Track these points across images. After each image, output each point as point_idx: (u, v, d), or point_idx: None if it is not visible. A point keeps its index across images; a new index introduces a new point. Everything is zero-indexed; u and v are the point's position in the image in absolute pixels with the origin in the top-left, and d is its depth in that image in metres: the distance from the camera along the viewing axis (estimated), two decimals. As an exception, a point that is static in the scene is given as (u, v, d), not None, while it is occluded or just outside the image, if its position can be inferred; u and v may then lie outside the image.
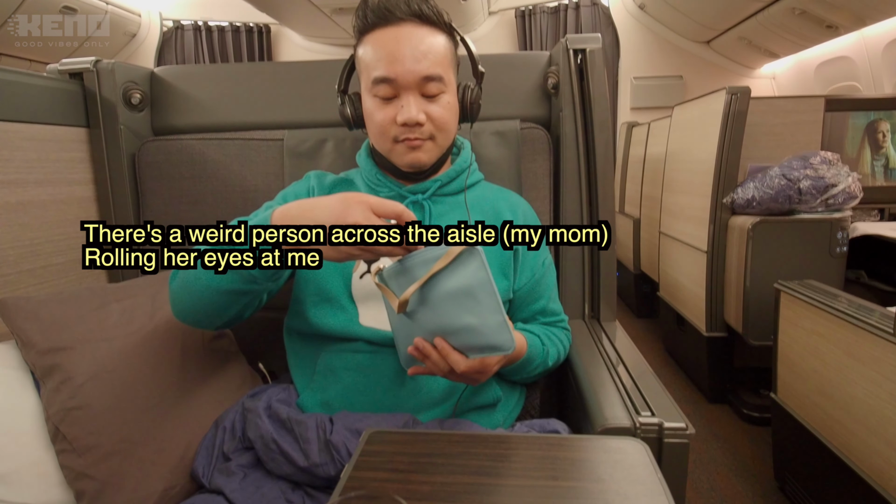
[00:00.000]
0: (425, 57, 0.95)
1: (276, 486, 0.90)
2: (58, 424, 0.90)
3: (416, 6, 0.95)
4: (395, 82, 0.95)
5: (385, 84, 0.96)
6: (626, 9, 5.05)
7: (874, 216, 2.69)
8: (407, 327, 0.85)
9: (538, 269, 1.11)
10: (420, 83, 0.96)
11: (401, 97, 0.97)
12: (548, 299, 1.13)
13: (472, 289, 0.78)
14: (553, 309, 1.14)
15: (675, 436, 0.84)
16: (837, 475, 1.50)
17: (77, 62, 1.35)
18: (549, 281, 1.14)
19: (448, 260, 0.78)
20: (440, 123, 1.00)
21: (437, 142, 1.02)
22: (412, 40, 0.95)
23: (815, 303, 1.57)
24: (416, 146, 0.99)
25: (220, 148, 1.38)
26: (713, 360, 2.58)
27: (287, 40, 5.62)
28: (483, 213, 1.10)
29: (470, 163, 1.13)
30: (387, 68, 0.95)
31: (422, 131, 0.98)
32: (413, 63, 0.94)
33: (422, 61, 0.95)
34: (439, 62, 0.97)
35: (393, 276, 0.84)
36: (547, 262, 1.14)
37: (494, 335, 0.79)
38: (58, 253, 1.26)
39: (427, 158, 1.02)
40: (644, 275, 3.77)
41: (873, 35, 3.41)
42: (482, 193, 1.14)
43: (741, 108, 2.27)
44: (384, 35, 0.96)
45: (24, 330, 0.94)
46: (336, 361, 0.99)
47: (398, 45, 0.95)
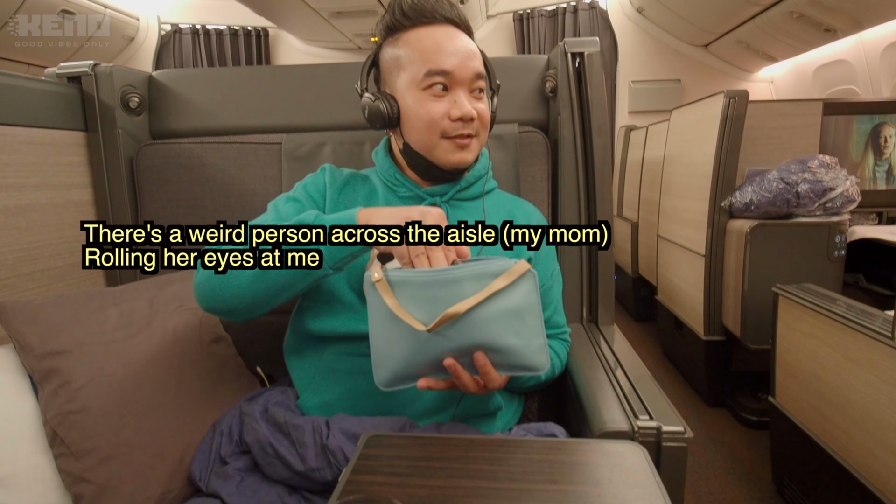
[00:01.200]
0: (475, 56, 0.99)
1: (273, 491, 0.90)
2: (56, 428, 0.90)
3: (455, 12, 0.99)
4: (451, 76, 0.96)
5: (441, 76, 0.96)
6: (625, 12, 5.07)
7: (872, 220, 2.70)
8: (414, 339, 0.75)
9: (546, 280, 1.11)
10: (472, 80, 0.98)
11: (452, 92, 0.97)
12: (553, 310, 1.13)
13: (522, 310, 0.76)
14: (557, 321, 1.14)
15: (674, 439, 0.84)
16: (835, 479, 1.50)
17: (75, 66, 1.35)
18: (555, 292, 1.14)
19: (511, 279, 0.75)
20: (485, 122, 1.02)
21: (480, 140, 1.03)
22: (461, 39, 0.98)
23: (814, 306, 1.58)
24: (465, 144, 0.99)
25: (218, 152, 1.38)
26: (711, 364, 2.58)
27: (285, 44, 5.63)
28: (499, 220, 1.10)
29: (488, 169, 1.13)
30: (444, 61, 0.95)
31: (472, 127, 0.99)
32: (467, 59, 0.97)
33: (473, 59, 0.98)
34: (482, 63, 1.01)
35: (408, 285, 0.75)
36: (555, 273, 1.14)
37: (533, 357, 0.78)
38: (56, 257, 1.26)
39: (472, 158, 1.02)
40: (642, 278, 3.77)
41: (871, 38, 3.43)
42: (498, 200, 1.14)
43: (739, 111, 2.27)
44: (430, 32, 0.97)
45: (21, 333, 0.94)
46: (338, 363, 0.98)
47: (450, 42, 0.97)
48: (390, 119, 1.00)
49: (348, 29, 4.70)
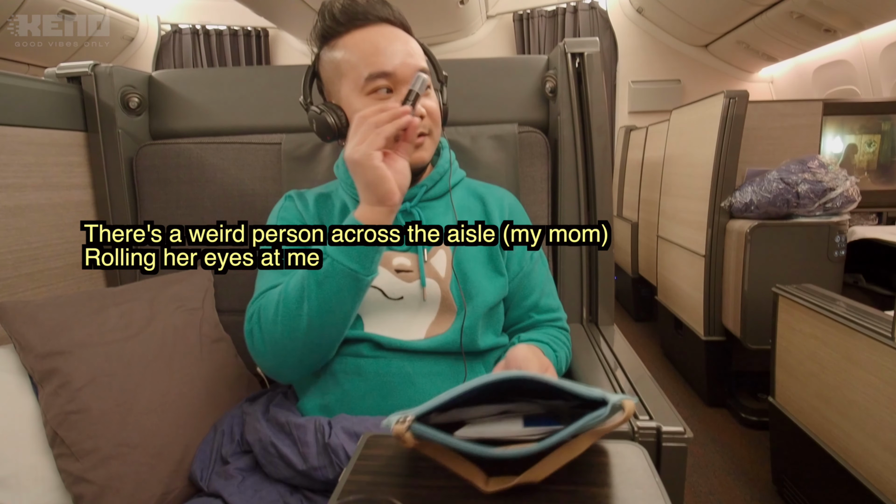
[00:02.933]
0: (415, 52, 0.97)
1: (274, 490, 0.90)
2: (56, 428, 0.90)
3: (387, 11, 0.97)
4: (393, 76, 0.94)
5: (383, 79, 0.94)
6: (624, 12, 5.07)
7: (872, 220, 2.70)
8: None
9: (526, 263, 1.09)
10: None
11: (397, 93, 0.95)
12: (539, 293, 1.10)
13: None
14: (547, 304, 1.11)
15: (673, 440, 0.84)
16: (835, 479, 1.50)
17: (75, 66, 1.35)
18: (539, 275, 1.12)
19: (609, 429, 0.62)
20: (436, 118, 1.00)
21: (434, 137, 1.02)
22: (399, 38, 0.96)
23: (814, 307, 1.58)
24: (419, 144, 0.98)
25: (217, 152, 1.38)
26: (711, 364, 2.58)
27: (285, 44, 5.63)
28: (470, 210, 1.09)
29: (451, 162, 1.11)
30: (384, 62, 0.93)
31: (424, 125, 0.97)
32: (407, 57, 0.95)
33: (413, 56, 0.96)
34: (424, 60, 1.00)
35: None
36: (535, 255, 1.12)
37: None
38: (56, 257, 1.26)
39: (428, 156, 1.01)
40: (642, 279, 3.77)
41: (871, 39, 3.43)
42: (467, 190, 1.13)
43: (739, 111, 2.28)
44: (365, 34, 0.95)
45: (22, 334, 0.94)
46: (337, 365, 0.98)
47: (388, 42, 0.95)
48: (339, 130, 0.97)
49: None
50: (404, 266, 1.00)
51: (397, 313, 0.99)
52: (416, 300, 0.99)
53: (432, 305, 1.00)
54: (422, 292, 0.99)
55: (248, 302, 0.97)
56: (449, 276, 1.01)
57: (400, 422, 0.58)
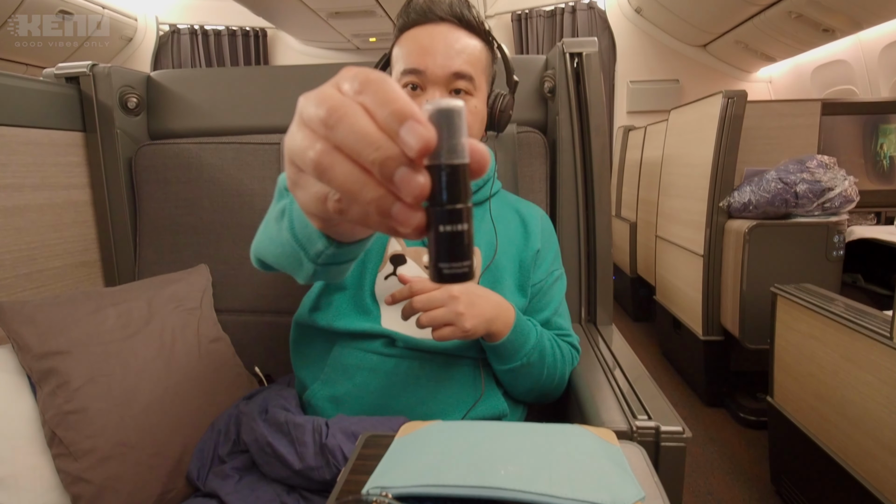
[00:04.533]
0: (459, 55, 0.94)
1: (271, 489, 0.90)
2: (54, 428, 0.90)
3: (458, 9, 0.95)
4: (423, 74, 0.93)
5: (412, 75, 0.93)
6: (623, 12, 5.07)
7: (870, 220, 2.70)
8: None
9: (545, 279, 1.09)
10: (450, 79, 0.94)
11: (428, 92, 0.94)
12: (552, 312, 1.09)
13: None
14: (558, 323, 1.10)
15: (672, 439, 0.84)
16: (833, 478, 1.50)
17: (73, 66, 1.35)
18: (555, 293, 1.11)
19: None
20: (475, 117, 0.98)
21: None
22: (448, 38, 0.94)
23: (812, 306, 1.58)
24: None
25: (216, 152, 1.38)
26: (710, 364, 2.59)
27: (283, 44, 5.63)
28: (507, 222, 1.09)
29: (493, 172, 1.10)
30: (417, 60, 0.93)
31: None
32: (445, 58, 0.93)
33: (454, 58, 0.93)
34: (472, 62, 0.96)
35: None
36: (556, 274, 1.12)
37: None
38: (54, 257, 1.26)
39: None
40: (641, 279, 3.77)
41: (870, 39, 3.43)
42: (504, 202, 1.13)
43: (738, 111, 2.28)
44: (421, 31, 0.95)
45: (20, 334, 0.94)
46: (349, 358, 0.98)
47: (432, 40, 0.94)
48: None
49: (346, 29, 4.70)
50: None
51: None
52: None
53: None
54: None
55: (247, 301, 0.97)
56: (477, 279, 1.01)
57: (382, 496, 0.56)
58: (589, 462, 0.61)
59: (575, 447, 0.64)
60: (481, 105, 1.00)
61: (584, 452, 0.63)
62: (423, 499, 0.56)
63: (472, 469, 0.59)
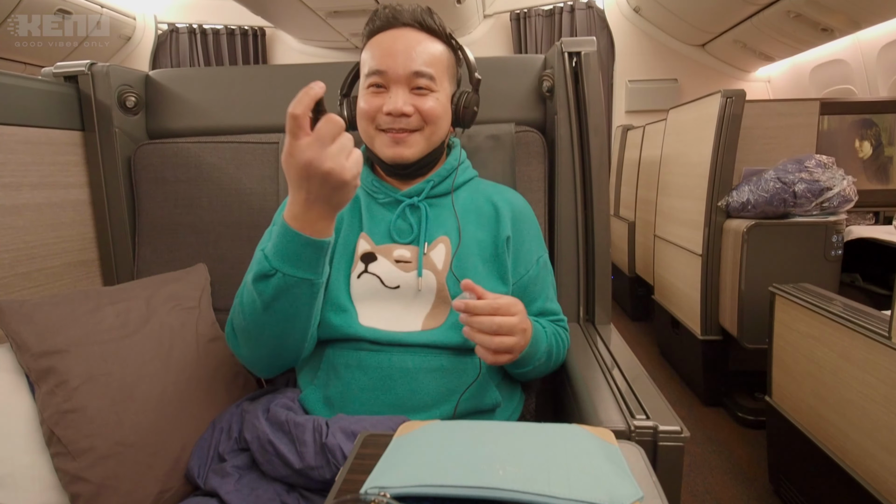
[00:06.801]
0: (420, 55, 1.01)
1: (271, 488, 0.90)
2: (52, 427, 0.90)
3: (420, 15, 1.02)
4: (385, 74, 1.00)
5: (376, 76, 1.00)
6: (621, 12, 5.07)
7: (869, 219, 2.70)
8: None
9: (531, 267, 1.10)
10: (410, 77, 1.00)
11: (391, 90, 1.00)
12: (545, 299, 1.12)
13: None
14: (551, 308, 1.13)
15: (670, 439, 0.84)
16: (832, 478, 1.51)
17: (72, 65, 1.35)
18: (545, 280, 1.13)
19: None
20: (428, 116, 1.02)
21: (425, 134, 1.03)
22: (409, 40, 1.01)
23: (810, 306, 1.58)
24: (400, 139, 1.01)
25: (215, 151, 1.38)
26: (708, 364, 2.59)
27: (282, 43, 5.63)
28: (478, 210, 1.10)
29: (460, 161, 1.13)
30: (380, 61, 1.00)
31: (408, 122, 1.00)
32: (405, 59, 0.99)
33: (415, 59, 1.00)
34: (432, 63, 1.02)
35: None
36: (542, 260, 1.13)
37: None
38: (52, 256, 1.26)
39: (410, 154, 1.02)
40: (639, 278, 3.78)
41: (868, 38, 3.43)
42: (476, 191, 1.14)
43: (736, 111, 2.28)
44: (385, 36, 1.02)
45: (18, 333, 0.94)
46: (338, 359, 0.99)
47: (394, 43, 1.00)
48: (349, 122, 1.08)
49: (345, 28, 4.69)
50: (404, 257, 1.02)
51: (393, 303, 1.01)
52: (411, 290, 1.01)
53: (428, 296, 1.01)
54: (418, 282, 1.01)
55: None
56: (446, 269, 1.02)
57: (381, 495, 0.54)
58: (587, 462, 0.61)
59: (573, 447, 0.64)
60: (445, 101, 1.05)
61: (582, 452, 0.63)
62: (421, 499, 0.56)
63: (471, 469, 0.59)
